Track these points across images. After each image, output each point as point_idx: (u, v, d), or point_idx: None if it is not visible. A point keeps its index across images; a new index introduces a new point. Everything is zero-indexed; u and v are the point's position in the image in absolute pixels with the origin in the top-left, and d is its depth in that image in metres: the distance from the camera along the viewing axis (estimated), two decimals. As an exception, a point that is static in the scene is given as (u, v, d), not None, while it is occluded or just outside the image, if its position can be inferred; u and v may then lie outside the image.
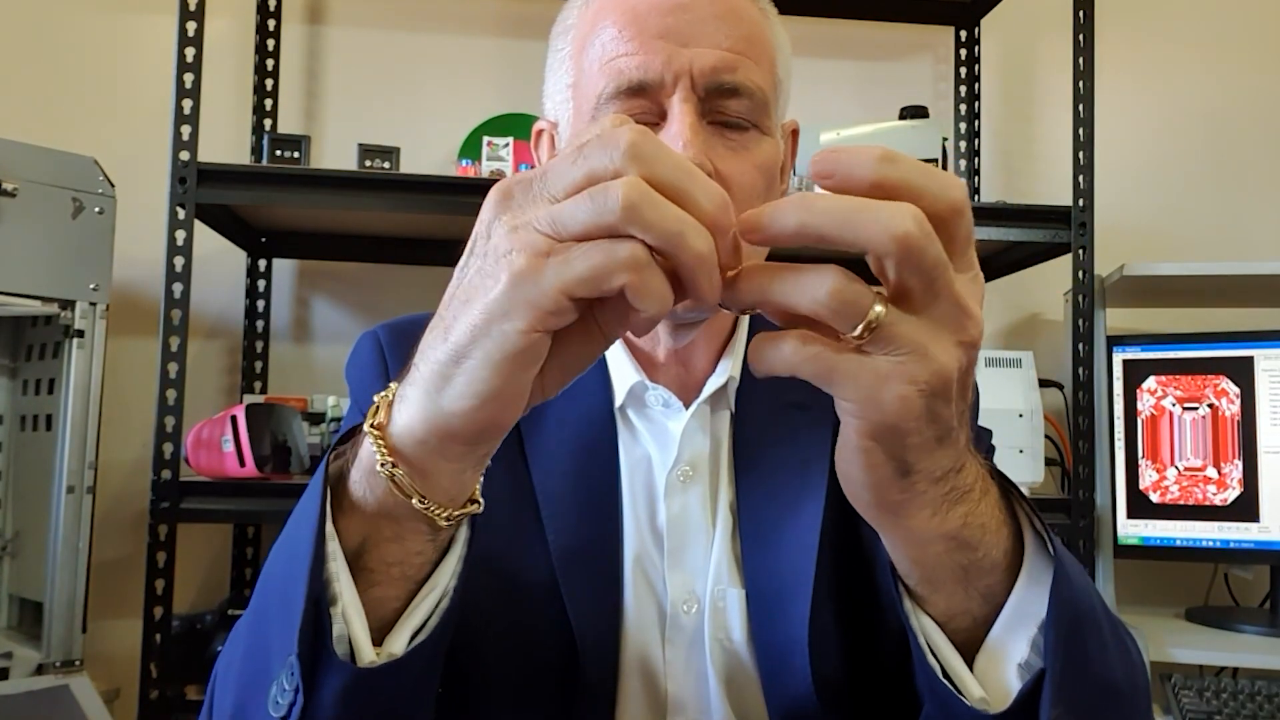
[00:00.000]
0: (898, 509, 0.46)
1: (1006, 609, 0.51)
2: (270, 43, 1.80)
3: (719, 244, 0.40)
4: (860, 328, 0.39)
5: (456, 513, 0.48)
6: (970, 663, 0.51)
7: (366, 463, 0.46)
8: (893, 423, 0.41)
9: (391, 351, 0.77)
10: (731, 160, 0.67)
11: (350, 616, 0.46)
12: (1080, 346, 1.61)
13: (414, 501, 0.45)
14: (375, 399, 0.47)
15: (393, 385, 0.47)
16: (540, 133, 0.78)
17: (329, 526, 0.46)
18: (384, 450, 0.45)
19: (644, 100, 0.67)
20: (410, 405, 0.44)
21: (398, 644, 0.48)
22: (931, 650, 0.51)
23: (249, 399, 1.63)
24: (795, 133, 0.78)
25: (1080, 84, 1.62)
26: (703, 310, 0.68)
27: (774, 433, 0.74)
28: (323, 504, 0.46)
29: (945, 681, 0.50)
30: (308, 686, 0.45)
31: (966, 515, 0.48)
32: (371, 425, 0.45)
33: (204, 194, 1.42)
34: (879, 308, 0.39)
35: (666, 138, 0.65)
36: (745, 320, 0.78)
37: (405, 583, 0.49)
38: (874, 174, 0.39)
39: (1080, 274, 1.58)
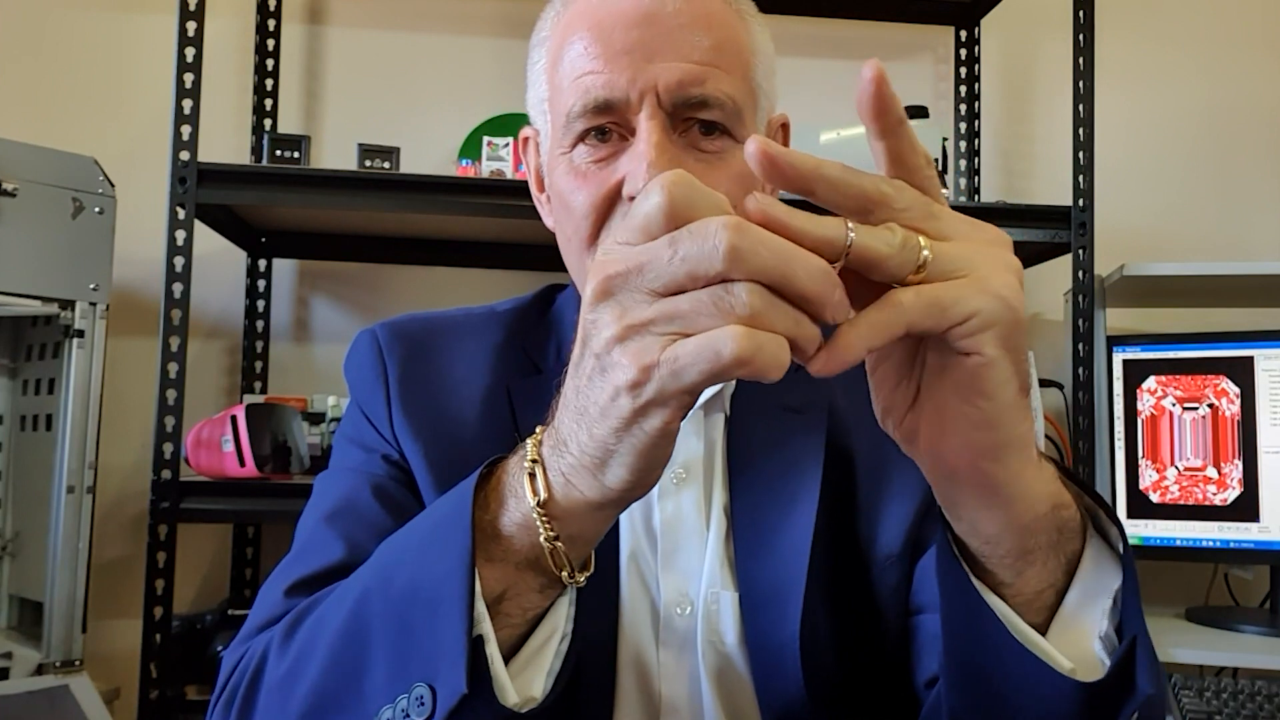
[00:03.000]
0: (1018, 448, 0.45)
1: (1079, 580, 0.50)
2: (270, 43, 1.80)
3: (828, 310, 0.41)
4: (917, 265, 0.42)
5: (586, 575, 0.51)
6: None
7: (528, 525, 0.48)
8: (1014, 311, 0.42)
9: (389, 351, 0.77)
10: (704, 174, 0.66)
11: (494, 657, 0.48)
12: (1080, 346, 1.61)
13: (563, 575, 0.49)
14: (526, 465, 0.48)
15: (530, 445, 0.48)
16: (526, 139, 0.78)
17: (477, 583, 0.48)
18: (547, 524, 0.47)
19: (612, 117, 0.67)
20: (577, 483, 0.46)
21: (536, 686, 0.50)
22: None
23: (249, 399, 1.63)
24: (785, 127, 0.78)
25: (1080, 84, 1.62)
26: None
27: (768, 436, 0.74)
28: (472, 551, 0.47)
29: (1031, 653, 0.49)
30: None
31: (1054, 470, 0.49)
32: (538, 503, 0.47)
33: (204, 194, 1.42)
34: (924, 246, 0.42)
35: (633, 155, 0.66)
36: None
37: (529, 625, 0.51)
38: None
39: (1080, 274, 1.58)
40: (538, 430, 0.49)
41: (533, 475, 0.47)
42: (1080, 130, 1.61)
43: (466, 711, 0.46)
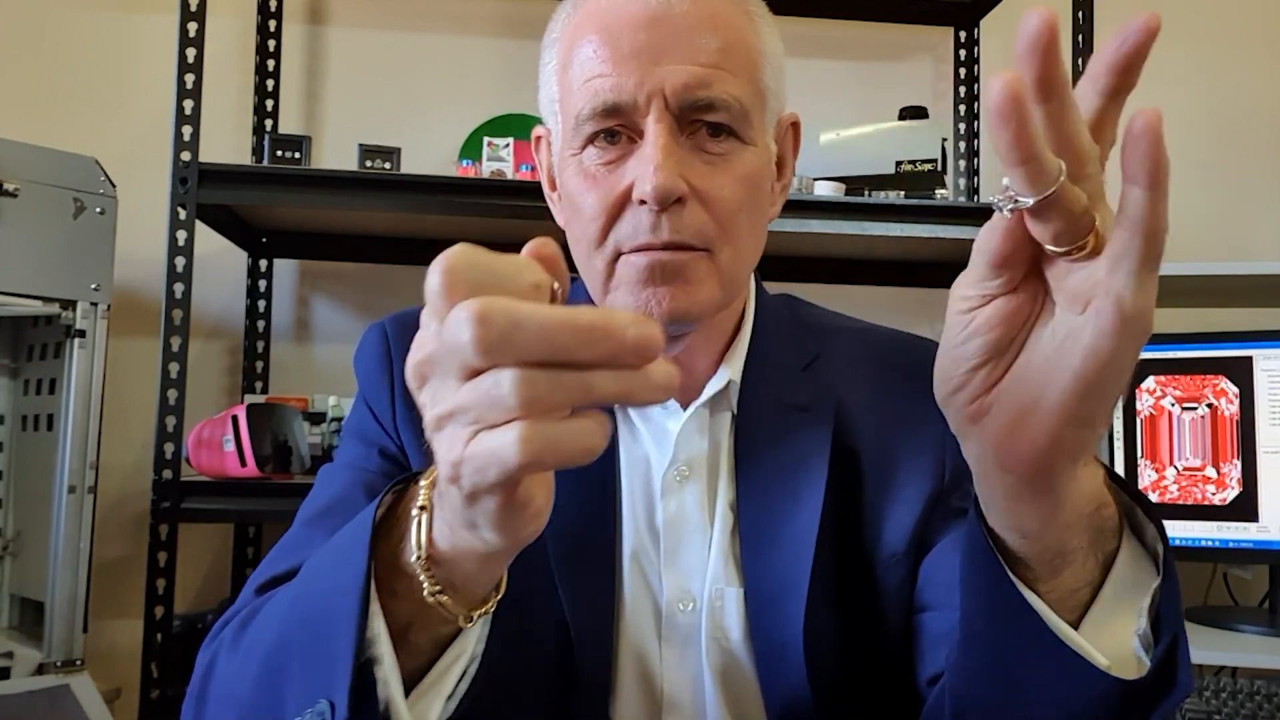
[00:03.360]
0: (1090, 450, 0.44)
1: (1114, 579, 0.50)
2: (271, 43, 1.81)
3: (631, 357, 0.37)
4: (1081, 244, 0.40)
5: (485, 609, 0.50)
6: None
7: (417, 574, 0.47)
8: (1150, 325, 0.40)
9: (396, 344, 0.78)
10: (710, 176, 0.68)
11: (390, 681, 0.48)
12: (1080, 346, 1.60)
13: (459, 620, 0.48)
14: (414, 511, 0.47)
15: (424, 487, 0.47)
16: (539, 139, 0.79)
17: (374, 604, 0.48)
18: (431, 578, 0.47)
19: (620, 120, 0.68)
20: (463, 533, 0.45)
21: (433, 711, 0.50)
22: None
23: (250, 399, 1.64)
24: (796, 126, 0.78)
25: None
26: (689, 324, 0.70)
27: (775, 433, 0.75)
28: (365, 581, 0.47)
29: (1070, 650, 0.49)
30: None
31: (1104, 472, 0.49)
32: (418, 557, 0.47)
33: (205, 194, 1.42)
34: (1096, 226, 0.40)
35: (641, 158, 0.66)
36: (748, 323, 0.78)
37: (436, 650, 0.51)
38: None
39: (1080, 274, 1.58)
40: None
41: (419, 523, 0.47)
42: (1080, 130, 1.61)
43: None
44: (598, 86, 0.67)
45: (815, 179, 1.60)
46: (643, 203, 0.66)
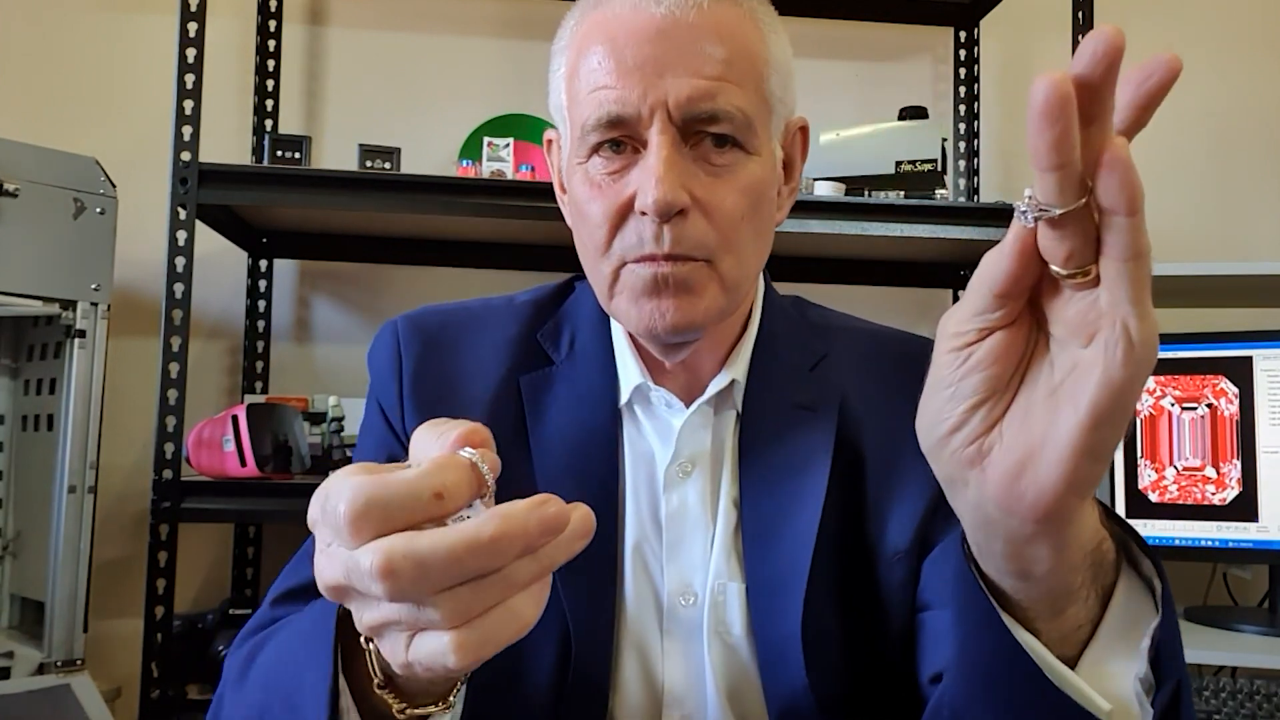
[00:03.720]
0: (1097, 480, 0.42)
1: (1112, 616, 0.49)
2: (271, 43, 1.81)
3: (534, 545, 0.39)
4: (1084, 269, 0.39)
5: (461, 685, 0.51)
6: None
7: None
8: (1155, 353, 0.39)
9: (407, 345, 0.79)
10: (713, 187, 0.68)
11: None
12: (1080, 346, 1.60)
13: (439, 712, 0.49)
14: (362, 641, 0.48)
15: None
16: (550, 142, 0.80)
17: (345, 699, 0.50)
18: (398, 700, 0.48)
19: (625, 130, 0.68)
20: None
21: None
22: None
23: (250, 399, 1.64)
24: (804, 130, 0.78)
25: (1080, 84, 1.62)
26: (693, 333, 0.71)
27: (780, 432, 0.76)
28: (333, 687, 0.49)
29: (1064, 694, 0.47)
30: None
31: (1099, 505, 0.48)
32: (379, 685, 0.48)
33: (205, 194, 1.42)
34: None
35: (644, 168, 0.67)
36: (754, 324, 0.79)
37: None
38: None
39: (1080, 274, 1.58)
40: None
41: (370, 653, 0.48)
42: (1080, 130, 1.61)
43: None
44: (602, 98, 0.67)
45: (815, 179, 1.60)
46: (645, 213, 0.67)
